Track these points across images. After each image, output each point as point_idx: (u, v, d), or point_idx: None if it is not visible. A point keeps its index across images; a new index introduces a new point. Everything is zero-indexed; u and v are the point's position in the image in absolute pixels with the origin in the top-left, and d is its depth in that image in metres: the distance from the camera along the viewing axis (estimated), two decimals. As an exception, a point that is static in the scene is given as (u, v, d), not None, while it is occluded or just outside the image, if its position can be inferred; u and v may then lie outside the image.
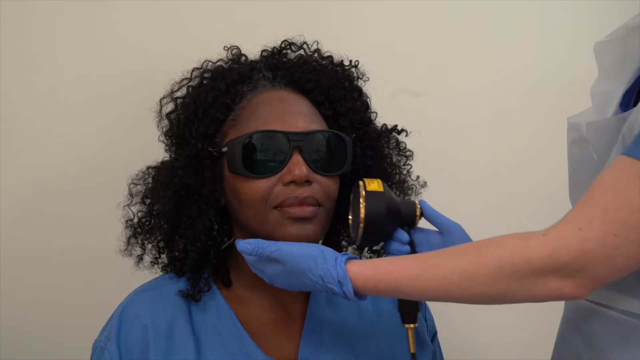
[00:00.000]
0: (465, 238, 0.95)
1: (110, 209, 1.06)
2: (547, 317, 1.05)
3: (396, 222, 0.96)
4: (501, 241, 0.79)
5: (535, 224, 0.81)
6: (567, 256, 0.74)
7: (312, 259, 0.87)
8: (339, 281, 0.85)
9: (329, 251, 0.88)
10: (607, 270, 0.74)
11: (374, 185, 0.96)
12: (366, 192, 0.94)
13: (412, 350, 0.95)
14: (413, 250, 0.96)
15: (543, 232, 0.77)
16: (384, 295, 0.87)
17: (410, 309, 0.95)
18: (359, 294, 0.86)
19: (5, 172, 1.30)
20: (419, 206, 0.97)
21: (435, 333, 1.15)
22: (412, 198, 1.12)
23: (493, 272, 0.77)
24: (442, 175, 1.33)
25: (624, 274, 0.76)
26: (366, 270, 0.85)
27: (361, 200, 0.93)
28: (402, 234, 0.96)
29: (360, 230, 0.93)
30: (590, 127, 0.92)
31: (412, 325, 0.95)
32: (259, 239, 0.91)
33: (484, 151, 1.55)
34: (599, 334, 0.88)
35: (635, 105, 0.87)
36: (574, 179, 1.00)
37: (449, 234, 0.95)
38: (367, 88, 1.11)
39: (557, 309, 0.99)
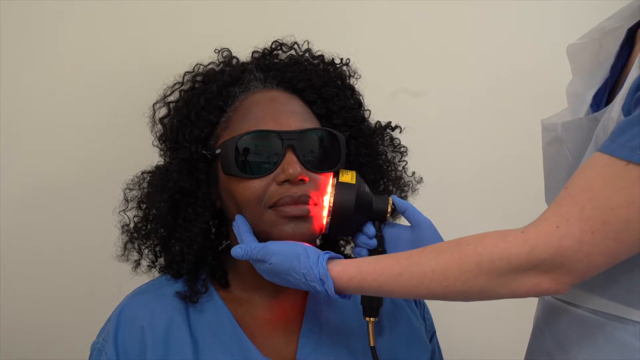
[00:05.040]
0: (435, 234, 0.97)
1: (108, 211, 1.07)
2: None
3: (366, 215, 0.98)
4: (481, 239, 0.80)
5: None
6: (545, 253, 0.75)
7: (296, 257, 0.88)
8: (320, 279, 0.86)
9: (313, 250, 0.89)
10: (584, 267, 0.75)
11: (347, 177, 0.98)
12: (337, 182, 0.96)
13: (371, 344, 0.96)
14: (380, 245, 0.98)
15: (522, 229, 0.78)
16: (368, 294, 0.89)
17: (371, 303, 0.97)
18: (343, 293, 0.87)
19: (4, 173, 1.31)
20: (391, 202, 0.98)
21: (434, 332, 1.15)
22: (409, 194, 1.12)
23: (473, 269, 0.78)
24: (438, 173, 1.33)
25: (601, 270, 0.77)
26: (350, 269, 0.86)
27: (331, 190, 0.96)
28: (369, 228, 0.98)
29: (327, 219, 0.95)
30: (565, 126, 0.94)
31: (372, 319, 0.97)
32: (247, 244, 0.92)
33: (482, 150, 1.55)
34: (568, 333, 0.89)
35: (606, 105, 0.88)
36: (549, 179, 1.01)
37: (419, 229, 0.97)
38: (365, 87, 1.11)
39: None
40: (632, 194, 0.73)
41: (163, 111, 1.07)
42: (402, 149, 1.12)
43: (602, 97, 0.94)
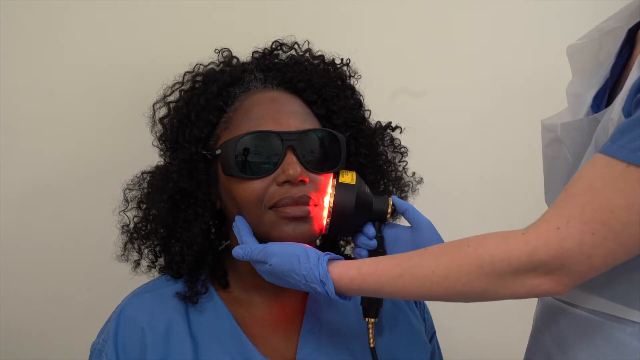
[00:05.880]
0: (435, 234, 0.98)
1: (108, 211, 1.07)
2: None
3: (366, 216, 0.98)
4: (481, 240, 0.80)
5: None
6: (545, 255, 0.75)
7: (296, 258, 0.88)
8: (320, 280, 0.86)
9: (313, 251, 0.89)
10: (585, 268, 0.75)
11: (347, 177, 0.98)
12: (337, 183, 0.96)
13: (371, 345, 0.96)
14: (381, 246, 0.98)
15: (522, 231, 0.78)
16: (368, 295, 0.89)
17: (370, 304, 0.97)
18: (344, 294, 0.87)
19: (4, 173, 1.31)
20: (391, 203, 0.98)
21: (434, 333, 1.15)
22: (409, 195, 1.12)
23: (473, 271, 0.78)
24: (439, 174, 1.33)
25: (602, 271, 0.77)
26: (350, 271, 0.86)
27: (331, 191, 0.96)
28: (369, 229, 0.98)
29: (327, 220, 0.96)
30: (564, 127, 0.94)
31: (372, 320, 0.97)
32: (249, 244, 0.92)
33: (482, 150, 1.55)
34: (567, 333, 0.89)
35: (606, 106, 0.88)
36: (549, 180, 1.01)
37: (419, 230, 0.97)
38: (365, 87, 1.11)
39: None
40: (632, 195, 0.73)
41: (163, 111, 1.07)
42: (402, 149, 1.12)
43: (603, 98, 0.94)
